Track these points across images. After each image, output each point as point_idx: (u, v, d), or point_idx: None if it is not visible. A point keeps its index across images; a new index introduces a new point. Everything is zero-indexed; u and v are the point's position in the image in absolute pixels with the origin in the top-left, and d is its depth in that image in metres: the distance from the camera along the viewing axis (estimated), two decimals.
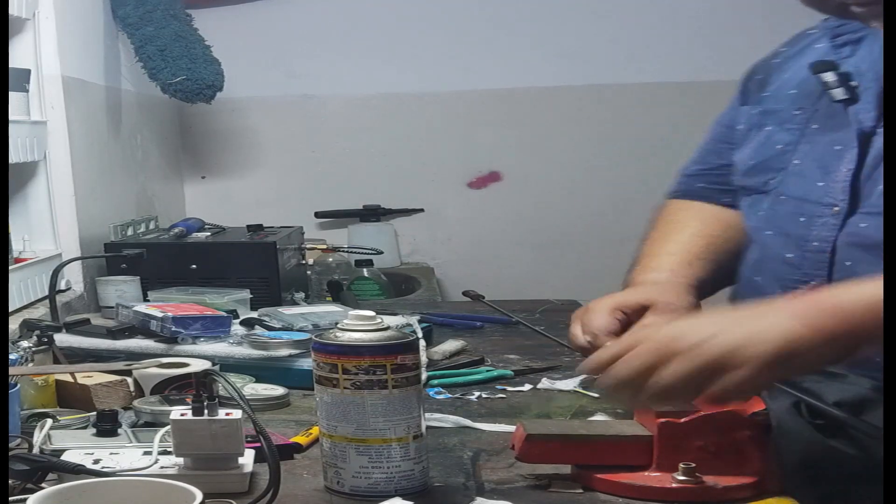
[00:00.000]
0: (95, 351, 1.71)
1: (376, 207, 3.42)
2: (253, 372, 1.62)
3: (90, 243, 2.24)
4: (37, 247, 2.11)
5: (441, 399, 1.57)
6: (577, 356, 1.85)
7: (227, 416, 1.15)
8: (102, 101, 2.48)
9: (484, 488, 1.18)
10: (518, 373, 1.72)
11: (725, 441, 1.13)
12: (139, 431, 1.31)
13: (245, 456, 1.17)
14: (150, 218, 2.62)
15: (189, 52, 2.58)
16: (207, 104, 2.70)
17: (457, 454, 1.30)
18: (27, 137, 2.03)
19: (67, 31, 2.21)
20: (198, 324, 1.71)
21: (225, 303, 1.94)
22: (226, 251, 2.23)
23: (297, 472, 1.23)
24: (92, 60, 2.43)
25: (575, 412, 1.50)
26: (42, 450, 1.23)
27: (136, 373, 1.51)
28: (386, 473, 1.13)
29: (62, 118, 2.16)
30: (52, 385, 1.50)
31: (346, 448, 1.14)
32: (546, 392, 1.62)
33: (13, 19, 2.02)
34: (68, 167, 2.18)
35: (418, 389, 1.16)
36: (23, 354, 1.53)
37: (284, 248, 2.25)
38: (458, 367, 1.74)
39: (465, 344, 1.88)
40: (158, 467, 1.17)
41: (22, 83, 2.04)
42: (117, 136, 2.59)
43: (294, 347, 1.65)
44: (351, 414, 1.13)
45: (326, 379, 1.14)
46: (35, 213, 2.16)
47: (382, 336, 1.14)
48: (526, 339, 2.02)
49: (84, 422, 1.36)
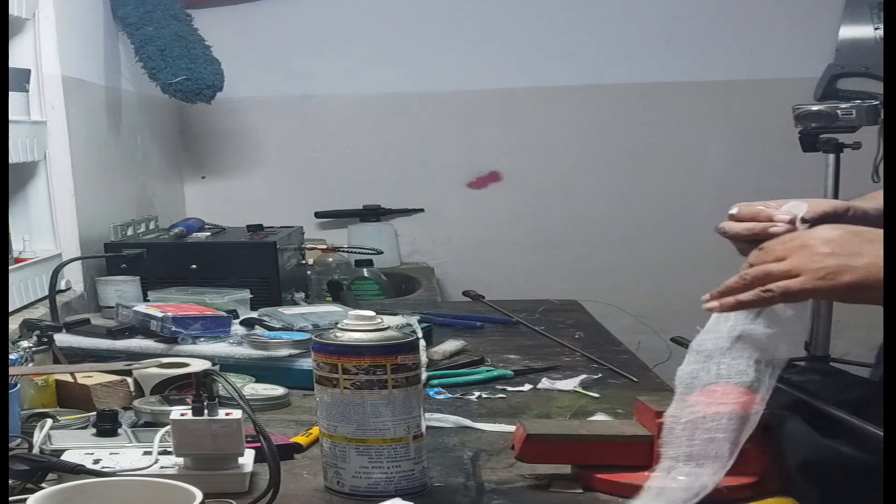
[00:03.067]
0: (95, 351, 1.71)
1: (376, 207, 3.42)
2: (253, 372, 1.62)
3: (90, 243, 2.24)
4: (37, 247, 2.11)
5: (441, 399, 1.58)
6: (577, 356, 1.86)
7: (227, 416, 1.15)
8: (102, 101, 2.48)
9: (484, 488, 1.18)
10: (518, 373, 1.72)
11: None
12: (139, 431, 1.31)
13: (245, 456, 1.17)
14: (150, 218, 2.63)
15: (189, 52, 2.58)
16: (207, 104, 2.70)
17: (457, 454, 1.30)
18: (27, 137, 2.03)
19: (67, 31, 2.21)
20: (198, 324, 1.71)
21: (225, 303, 1.94)
22: (226, 251, 2.23)
23: (297, 472, 1.23)
24: (92, 60, 2.43)
25: (575, 412, 1.50)
26: (42, 450, 1.23)
27: (136, 373, 1.51)
28: (386, 473, 1.13)
29: (62, 118, 2.16)
30: (52, 385, 1.50)
31: (346, 448, 1.14)
32: (546, 392, 1.62)
33: (13, 19, 2.02)
34: (68, 167, 2.18)
35: (418, 389, 1.16)
36: (23, 354, 1.53)
37: (284, 248, 2.26)
38: (458, 367, 1.74)
39: (465, 344, 1.88)
40: (158, 467, 1.18)
41: (22, 83, 2.04)
42: (117, 136, 2.59)
43: (294, 347, 1.65)
44: (351, 414, 1.13)
45: (326, 379, 1.14)
46: (35, 213, 2.16)
47: (382, 336, 1.14)
48: (526, 339, 2.02)
49: (84, 422, 1.36)
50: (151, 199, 2.85)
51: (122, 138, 2.62)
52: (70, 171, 2.18)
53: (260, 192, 3.38)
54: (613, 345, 1.97)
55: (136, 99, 2.75)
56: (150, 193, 2.85)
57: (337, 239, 3.13)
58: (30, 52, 2.11)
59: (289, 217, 2.78)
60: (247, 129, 3.39)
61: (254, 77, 3.29)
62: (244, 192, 3.38)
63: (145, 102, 2.82)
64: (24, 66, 2.08)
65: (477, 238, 3.48)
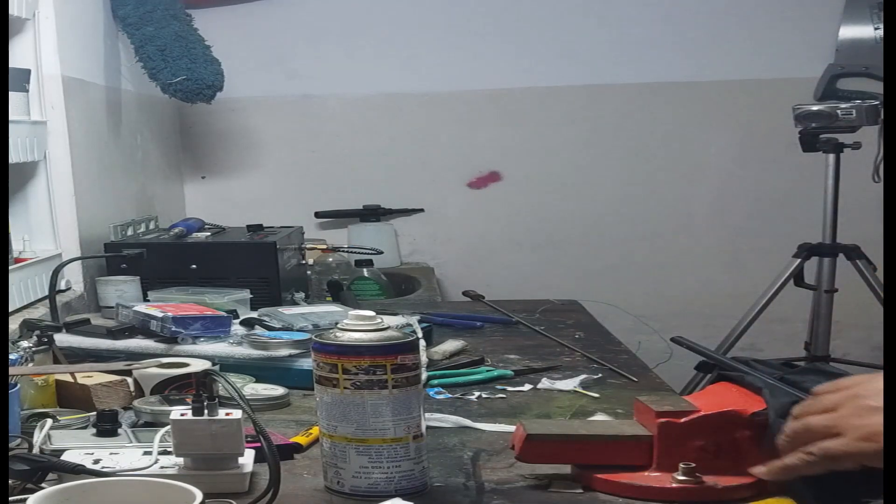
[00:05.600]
0: (95, 351, 1.71)
1: (376, 207, 3.42)
2: (253, 372, 1.62)
3: (90, 243, 2.24)
4: (37, 247, 2.11)
5: (441, 399, 1.57)
6: (577, 356, 1.86)
7: (227, 416, 1.15)
8: (102, 101, 2.48)
9: (484, 488, 1.18)
10: (518, 373, 1.72)
11: (725, 441, 1.13)
12: (139, 431, 1.31)
13: (245, 456, 1.17)
14: (150, 218, 2.63)
15: (189, 52, 2.58)
16: (207, 104, 2.70)
17: (457, 454, 1.30)
18: (27, 137, 2.03)
19: (67, 31, 2.21)
20: (198, 324, 1.71)
21: (225, 303, 1.94)
22: (226, 251, 2.23)
23: (297, 472, 1.23)
24: (92, 60, 2.43)
25: (575, 412, 1.50)
26: (42, 450, 1.23)
27: (136, 373, 1.51)
28: (386, 473, 1.13)
29: (62, 118, 2.16)
30: (52, 385, 1.50)
31: (346, 448, 1.14)
32: (546, 392, 1.62)
33: (13, 19, 2.02)
34: (68, 167, 2.18)
35: (418, 389, 1.16)
36: (23, 354, 1.53)
37: (284, 248, 2.25)
38: (458, 367, 1.74)
39: (465, 344, 1.88)
40: (158, 467, 1.17)
41: (22, 83, 2.04)
42: (117, 136, 2.59)
43: (294, 347, 1.65)
44: (351, 414, 1.13)
45: (326, 379, 1.14)
46: (35, 213, 2.16)
47: (382, 336, 1.14)
48: (526, 339, 2.02)
49: (84, 422, 1.36)
50: (151, 199, 2.85)
51: (122, 138, 2.62)
52: (70, 171, 2.18)
53: (260, 192, 3.38)
54: (613, 345, 1.97)
55: (136, 99, 2.75)
56: (150, 193, 2.85)
57: (337, 239, 3.13)
58: (30, 52, 2.10)
59: (289, 217, 2.78)
60: (247, 129, 3.39)
61: (254, 77, 3.29)
62: (244, 192, 3.38)
63: (145, 102, 2.82)
64: (24, 66, 2.08)
65: (477, 238, 3.48)
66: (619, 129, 3.44)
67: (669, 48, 3.38)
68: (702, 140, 3.43)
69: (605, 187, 3.46)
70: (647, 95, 3.41)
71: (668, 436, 1.13)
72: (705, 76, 3.40)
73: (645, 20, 3.38)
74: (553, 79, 3.40)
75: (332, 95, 3.41)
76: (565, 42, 3.38)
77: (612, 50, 3.39)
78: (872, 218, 2.13)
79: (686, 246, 3.47)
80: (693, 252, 3.47)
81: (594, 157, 3.45)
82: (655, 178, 3.45)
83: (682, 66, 3.39)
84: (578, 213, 3.46)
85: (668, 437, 1.13)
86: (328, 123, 3.43)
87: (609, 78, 3.41)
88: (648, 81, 3.40)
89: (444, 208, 3.47)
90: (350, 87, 3.39)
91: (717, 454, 1.12)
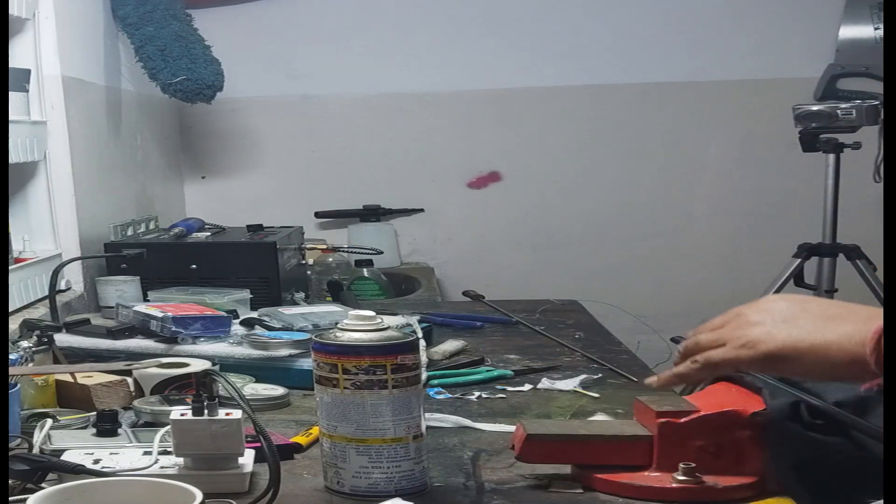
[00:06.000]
0: (95, 351, 1.71)
1: (376, 207, 3.42)
2: (253, 372, 1.62)
3: (90, 243, 2.24)
4: (37, 247, 2.11)
5: (441, 399, 1.57)
6: (577, 356, 1.86)
7: (227, 416, 1.15)
8: (102, 101, 2.48)
9: (484, 488, 1.18)
10: (518, 373, 1.72)
11: (725, 441, 1.13)
12: (139, 431, 1.31)
13: (245, 456, 1.17)
14: (150, 218, 2.62)
15: (189, 52, 2.58)
16: (207, 104, 2.70)
17: (457, 454, 1.30)
18: (27, 137, 2.03)
19: (67, 31, 2.21)
20: (198, 324, 1.71)
21: (225, 303, 1.94)
22: (226, 251, 2.23)
23: (297, 472, 1.23)
24: (92, 60, 2.43)
25: (575, 412, 1.50)
26: (42, 450, 1.23)
27: (136, 373, 1.51)
28: (386, 473, 1.13)
29: (62, 118, 2.16)
30: (52, 385, 1.50)
31: (346, 448, 1.14)
32: (546, 392, 1.62)
33: (13, 19, 2.02)
34: (68, 167, 2.18)
35: (418, 389, 1.16)
36: (23, 354, 1.53)
37: (284, 248, 2.25)
38: (458, 367, 1.74)
39: (465, 344, 1.88)
40: (158, 467, 1.17)
41: (22, 83, 2.04)
42: (117, 136, 2.59)
43: (294, 347, 1.65)
44: (351, 414, 1.13)
45: (326, 379, 1.14)
46: (35, 213, 2.16)
47: (382, 336, 1.14)
48: (526, 339, 2.02)
49: (84, 422, 1.36)
50: (151, 199, 2.85)
51: (122, 138, 2.62)
52: (70, 171, 2.18)
53: (260, 192, 3.38)
54: (613, 345, 1.97)
55: (136, 99, 2.75)
56: (150, 193, 2.85)
57: (337, 239, 3.13)
58: (30, 52, 2.10)
59: (289, 217, 2.78)
60: (247, 129, 3.40)
61: (254, 77, 3.29)
62: (244, 192, 3.38)
63: (145, 102, 2.82)
64: (24, 66, 2.08)
65: (477, 238, 3.48)
66: (619, 129, 3.44)
67: (669, 48, 3.39)
68: (702, 140, 3.43)
69: (605, 187, 3.46)
70: (648, 95, 3.41)
71: (668, 436, 1.13)
72: (705, 76, 3.40)
73: (645, 20, 3.38)
74: (553, 79, 3.40)
75: (332, 95, 3.41)
76: (565, 42, 3.38)
77: (612, 50, 3.39)
78: (872, 218, 2.13)
79: (686, 246, 3.47)
80: (693, 252, 3.47)
81: (594, 157, 3.45)
82: (655, 178, 3.45)
83: (682, 66, 3.39)
84: (578, 213, 3.46)
85: (668, 437, 1.13)
86: (328, 123, 3.43)
87: (609, 78, 3.41)
88: (648, 81, 3.40)
89: (444, 208, 3.47)
90: (350, 87, 3.39)
91: (717, 454, 1.12)
